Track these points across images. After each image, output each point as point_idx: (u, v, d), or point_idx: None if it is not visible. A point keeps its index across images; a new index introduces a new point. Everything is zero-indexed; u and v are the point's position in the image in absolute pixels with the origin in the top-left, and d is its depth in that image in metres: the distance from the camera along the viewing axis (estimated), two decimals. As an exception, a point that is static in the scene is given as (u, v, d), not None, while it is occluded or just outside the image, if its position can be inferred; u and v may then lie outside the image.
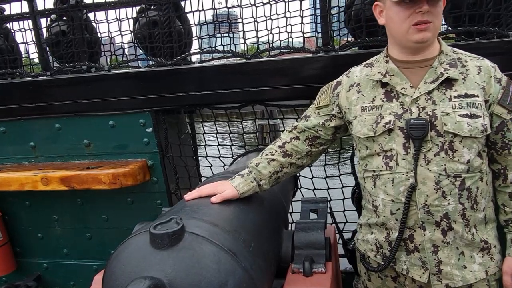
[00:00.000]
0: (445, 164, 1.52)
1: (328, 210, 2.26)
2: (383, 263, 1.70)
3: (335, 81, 1.85)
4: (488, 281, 1.63)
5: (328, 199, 2.71)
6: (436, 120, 1.53)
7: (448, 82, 1.56)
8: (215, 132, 3.08)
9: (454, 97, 1.53)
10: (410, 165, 1.55)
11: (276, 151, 1.86)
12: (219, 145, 3.07)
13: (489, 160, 1.66)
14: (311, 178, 3.00)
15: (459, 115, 1.51)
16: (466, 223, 1.57)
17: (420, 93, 1.57)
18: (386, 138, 1.61)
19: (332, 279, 1.64)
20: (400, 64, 1.63)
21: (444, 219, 1.55)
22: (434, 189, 1.53)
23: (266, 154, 1.86)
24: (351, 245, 1.93)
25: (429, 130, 1.52)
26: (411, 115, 1.56)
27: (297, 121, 1.93)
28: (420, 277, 1.63)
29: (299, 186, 2.95)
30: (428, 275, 1.61)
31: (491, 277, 1.64)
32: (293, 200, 2.84)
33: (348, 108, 1.74)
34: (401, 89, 1.60)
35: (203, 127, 3.14)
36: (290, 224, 2.47)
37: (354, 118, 1.70)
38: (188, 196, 1.74)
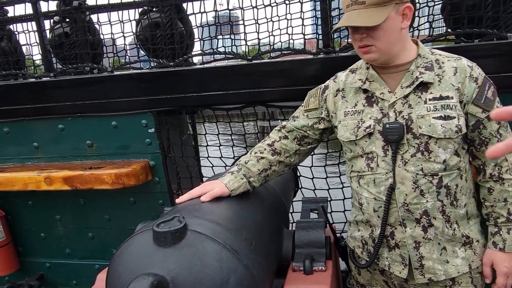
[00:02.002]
0: (421, 164, 1.58)
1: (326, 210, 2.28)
2: (368, 260, 1.76)
3: (322, 85, 1.89)
4: (470, 273, 1.68)
5: (329, 199, 2.74)
6: (412, 123, 1.58)
7: (424, 85, 1.60)
8: (217, 133, 3.10)
9: (429, 99, 1.58)
10: (389, 166, 1.61)
11: (265, 149, 1.89)
12: (220, 145, 3.09)
13: (471, 157, 1.71)
14: (312, 178, 3.02)
15: (433, 118, 1.55)
16: (446, 219, 1.62)
17: (396, 97, 1.62)
18: (366, 141, 1.67)
19: (332, 277, 1.66)
20: (379, 70, 1.69)
21: (424, 216, 1.60)
22: (412, 188, 1.59)
23: (255, 152, 1.89)
24: (343, 242, 1.97)
25: (406, 133, 1.58)
26: (388, 119, 1.61)
27: (285, 121, 1.97)
28: (400, 273, 1.68)
29: (300, 186, 2.98)
30: (407, 271, 1.67)
31: (474, 270, 1.69)
32: (293, 200, 2.86)
33: (334, 113, 1.80)
34: (380, 94, 1.66)
35: (204, 128, 3.16)
36: (291, 224, 2.49)
37: (339, 122, 1.77)
38: (179, 199, 1.75)
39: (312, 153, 2.41)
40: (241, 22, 2.76)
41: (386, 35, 1.54)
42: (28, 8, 3.04)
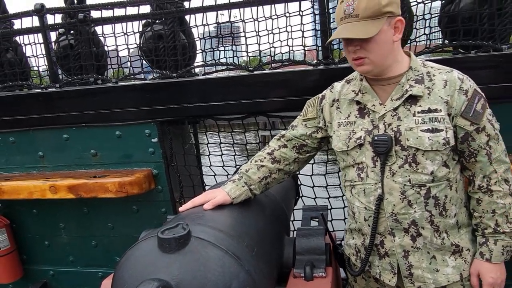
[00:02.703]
0: (409, 175, 1.61)
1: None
2: (360, 267, 1.79)
3: (320, 95, 1.94)
4: (462, 282, 1.70)
5: (329, 207, 2.78)
6: (400, 135, 1.61)
7: (413, 98, 1.63)
8: (219, 142, 3.15)
9: (418, 112, 1.61)
10: (378, 177, 1.65)
11: (265, 157, 1.93)
12: (222, 155, 3.13)
13: (461, 168, 1.72)
14: (312, 187, 3.05)
15: (421, 130, 1.58)
16: (435, 229, 1.64)
17: (386, 110, 1.65)
18: (357, 152, 1.71)
19: (332, 283, 1.68)
20: (372, 81, 1.73)
21: (412, 226, 1.63)
22: (400, 198, 1.62)
23: (256, 161, 1.93)
24: (340, 250, 2.00)
25: (394, 145, 1.61)
26: (378, 131, 1.65)
27: (284, 130, 2.01)
28: (389, 281, 1.71)
29: (301, 195, 3.01)
30: (396, 279, 1.69)
31: (466, 279, 1.71)
32: (294, 208, 2.89)
33: (330, 123, 1.85)
34: (371, 106, 1.69)
35: (207, 138, 3.21)
36: (292, 232, 2.52)
37: (334, 132, 1.81)
38: (182, 207, 1.78)
39: (313, 161, 2.45)
40: (242, 34, 2.82)
41: (379, 48, 1.57)
42: (34, 21, 3.10)
